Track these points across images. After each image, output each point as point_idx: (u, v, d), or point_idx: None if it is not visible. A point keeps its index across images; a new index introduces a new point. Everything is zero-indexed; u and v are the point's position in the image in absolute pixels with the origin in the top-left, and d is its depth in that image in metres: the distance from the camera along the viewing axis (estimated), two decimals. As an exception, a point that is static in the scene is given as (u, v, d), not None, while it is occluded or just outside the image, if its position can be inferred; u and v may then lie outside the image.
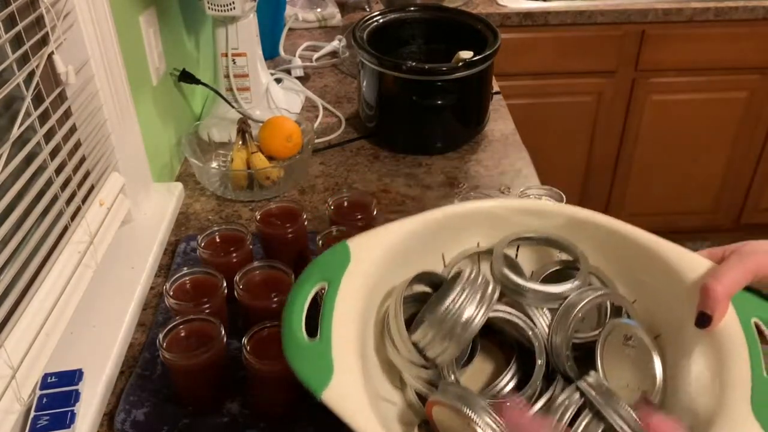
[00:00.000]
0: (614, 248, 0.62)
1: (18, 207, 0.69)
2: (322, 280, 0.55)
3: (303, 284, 0.55)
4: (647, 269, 0.59)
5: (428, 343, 0.56)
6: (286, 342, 0.51)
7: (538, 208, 0.65)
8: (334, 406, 0.47)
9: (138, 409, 0.73)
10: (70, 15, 0.80)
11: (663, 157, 2.18)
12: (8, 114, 0.75)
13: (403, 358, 0.57)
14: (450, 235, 0.65)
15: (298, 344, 0.51)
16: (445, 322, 0.55)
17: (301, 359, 0.50)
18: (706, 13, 1.89)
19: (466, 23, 1.28)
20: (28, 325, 0.71)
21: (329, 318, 0.52)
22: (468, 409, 0.50)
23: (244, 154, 1.10)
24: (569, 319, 0.57)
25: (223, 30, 1.16)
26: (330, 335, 0.51)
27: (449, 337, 0.55)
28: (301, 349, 0.51)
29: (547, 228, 0.64)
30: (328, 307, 0.53)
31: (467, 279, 0.57)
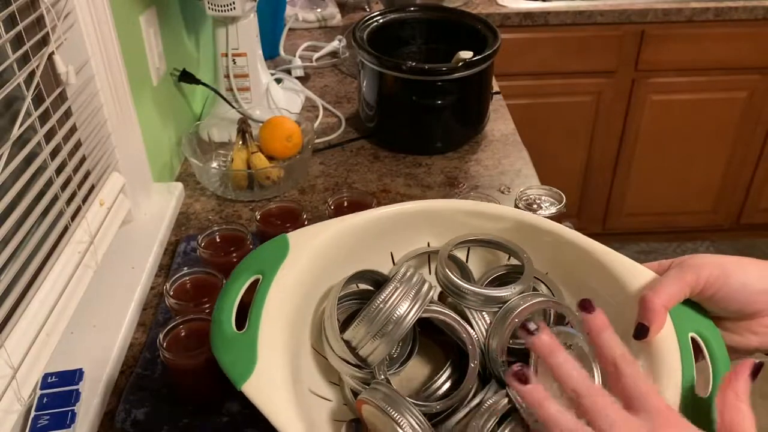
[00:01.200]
0: (563, 255, 0.61)
1: (18, 207, 0.69)
2: (256, 273, 0.55)
3: (237, 276, 0.55)
4: (594, 278, 0.59)
5: (360, 341, 0.55)
6: (214, 333, 0.51)
7: (490, 211, 0.64)
8: (254, 397, 0.47)
9: (138, 408, 0.73)
10: (70, 15, 0.80)
11: (663, 157, 2.18)
12: (9, 114, 0.75)
13: (337, 357, 0.56)
14: (399, 234, 0.64)
15: (224, 335, 0.51)
16: (377, 320, 0.54)
17: (225, 350, 0.50)
18: (705, 13, 1.89)
19: (466, 23, 1.28)
20: (28, 325, 0.71)
21: (259, 310, 0.52)
22: (391, 409, 0.50)
23: (244, 154, 1.10)
24: (506, 323, 0.57)
25: (224, 30, 1.16)
26: (258, 328, 0.51)
27: (380, 335, 0.54)
28: (227, 341, 0.50)
29: (498, 231, 0.63)
30: (259, 300, 0.53)
31: (402, 277, 0.56)
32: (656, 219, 2.34)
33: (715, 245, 2.44)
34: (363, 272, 0.59)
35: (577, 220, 2.27)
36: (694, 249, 2.43)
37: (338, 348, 0.56)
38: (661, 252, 2.41)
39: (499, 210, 0.65)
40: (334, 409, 0.58)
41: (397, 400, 0.51)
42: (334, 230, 0.60)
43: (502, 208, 0.65)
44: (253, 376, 0.48)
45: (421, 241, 0.65)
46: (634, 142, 2.14)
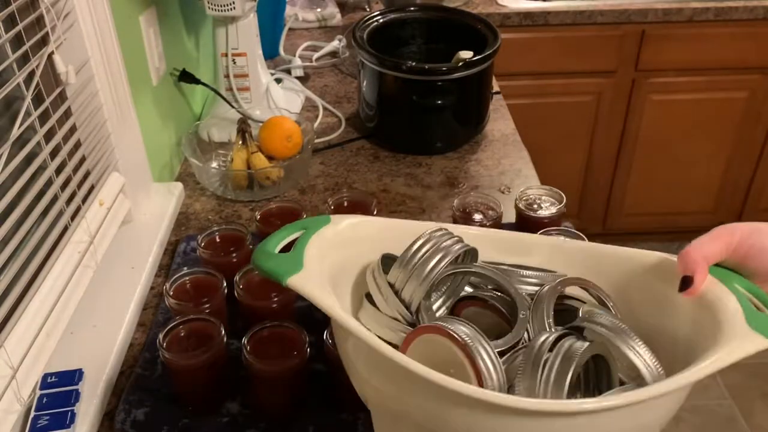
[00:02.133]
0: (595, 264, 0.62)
1: (18, 207, 0.69)
2: (301, 229, 0.58)
3: (281, 230, 0.58)
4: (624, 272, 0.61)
5: (400, 282, 0.56)
6: (257, 253, 0.53)
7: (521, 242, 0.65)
8: (299, 287, 0.49)
9: (138, 408, 0.73)
10: (70, 15, 0.80)
11: (663, 157, 2.18)
12: (8, 114, 0.75)
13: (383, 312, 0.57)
14: None
15: (269, 253, 0.53)
16: (412, 262, 0.56)
17: (269, 260, 0.52)
18: (706, 13, 1.89)
19: (466, 23, 1.28)
20: (28, 325, 0.71)
21: (303, 245, 0.55)
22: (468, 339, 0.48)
23: (244, 154, 1.10)
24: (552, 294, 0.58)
25: (223, 30, 1.16)
26: (303, 253, 0.53)
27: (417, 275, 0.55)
28: (272, 255, 0.53)
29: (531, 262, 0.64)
30: (302, 241, 0.55)
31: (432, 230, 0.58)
32: (656, 219, 2.34)
33: (715, 245, 2.43)
34: (391, 255, 0.60)
35: (577, 220, 2.27)
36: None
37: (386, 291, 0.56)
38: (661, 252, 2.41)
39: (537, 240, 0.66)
40: None
41: (472, 331, 0.50)
42: (372, 225, 0.63)
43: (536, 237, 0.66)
44: (298, 274, 0.50)
45: None
46: (634, 142, 2.14)
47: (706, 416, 1.85)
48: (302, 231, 0.58)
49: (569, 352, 0.48)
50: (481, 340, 0.49)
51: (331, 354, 0.70)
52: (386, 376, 0.49)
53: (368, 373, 0.51)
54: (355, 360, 0.53)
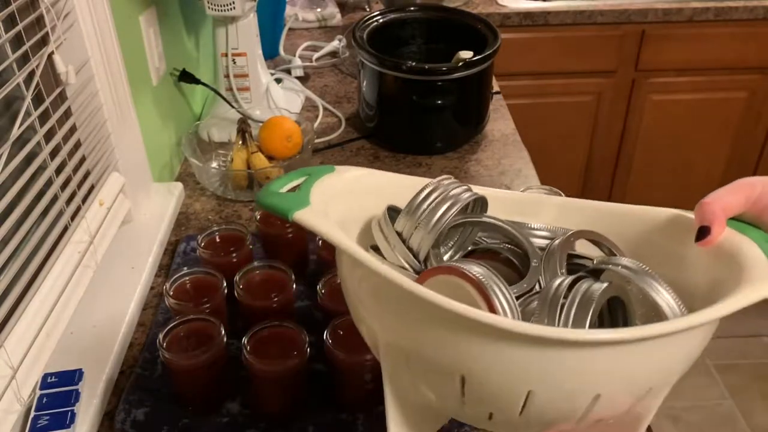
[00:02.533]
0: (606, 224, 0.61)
1: (18, 207, 0.69)
2: (304, 176, 0.56)
3: (284, 175, 0.56)
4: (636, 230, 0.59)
5: (407, 231, 0.54)
6: (261, 192, 0.52)
7: (532, 201, 0.64)
8: (306, 220, 0.48)
9: (138, 408, 0.73)
10: (70, 15, 0.80)
11: (663, 157, 2.18)
12: (8, 114, 0.75)
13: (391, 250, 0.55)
14: None
15: (274, 192, 0.52)
16: (420, 210, 0.54)
17: (274, 197, 0.51)
18: (706, 13, 1.89)
19: (466, 23, 1.28)
20: (28, 325, 0.71)
21: (308, 187, 0.53)
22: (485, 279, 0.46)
23: (244, 154, 1.10)
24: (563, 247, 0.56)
25: (223, 30, 1.16)
26: (309, 193, 0.52)
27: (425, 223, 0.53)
28: (277, 194, 0.52)
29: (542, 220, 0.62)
30: (306, 184, 0.54)
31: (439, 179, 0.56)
32: (656, 219, 2.34)
33: (715, 245, 2.44)
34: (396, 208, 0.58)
35: (577, 220, 2.27)
36: (694, 249, 2.42)
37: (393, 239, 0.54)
38: (661, 252, 2.41)
39: (544, 199, 0.65)
40: None
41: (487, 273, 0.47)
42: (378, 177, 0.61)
43: (545, 197, 0.65)
44: (305, 209, 0.48)
45: None
46: (634, 142, 2.14)
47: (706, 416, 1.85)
48: (305, 177, 0.56)
49: (587, 293, 0.45)
50: (496, 279, 0.47)
51: (331, 354, 0.70)
52: (401, 309, 0.46)
53: (380, 307, 0.48)
54: (365, 297, 0.50)
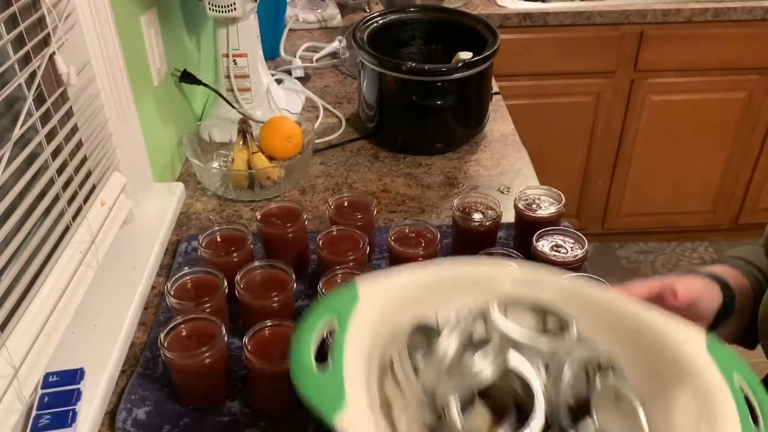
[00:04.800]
0: (604, 317, 0.62)
1: (20, 207, 0.69)
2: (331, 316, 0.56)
3: (312, 320, 0.55)
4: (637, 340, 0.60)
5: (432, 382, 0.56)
6: (297, 372, 0.51)
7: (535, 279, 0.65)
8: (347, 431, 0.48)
9: (139, 408, 0.74)
10: (71, 16, 0.81)
11: (662, 158, 2.18)
12: (10, 114, 0.76)
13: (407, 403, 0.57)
14: (446, 293, 0.64)
15: (310, 374, 0.51)
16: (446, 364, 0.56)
17: (312, 387, 0.50)
18: (704, 13, 1.90)
19: (465, 24, 1.28)
20: (29, 325, 0.71)
21: (340, 352, 0.53)
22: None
23: (244, 154, 1.10)
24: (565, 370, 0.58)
25: (224, 31, 1.16)
26: (342, 368, 0.51)
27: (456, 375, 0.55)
28: (313, 379, 0.51)
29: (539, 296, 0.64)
30: (338, 343, 0.53)
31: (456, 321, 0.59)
32: (655, 219, 2.35)
33: (714, 245, 2.44)
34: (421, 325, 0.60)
35: (577, 220, 2.27)
36: (692, 249, 2.43)
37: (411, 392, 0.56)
38: (659, 252, 2.41)
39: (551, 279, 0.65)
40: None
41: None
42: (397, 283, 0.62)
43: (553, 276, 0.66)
44: (344, 412, 0.48)
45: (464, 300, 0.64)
46: (633, 143, 2.14)
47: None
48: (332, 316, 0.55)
49: None
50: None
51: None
52: None
53: None
54: None
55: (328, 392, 0.50)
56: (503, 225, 0.96)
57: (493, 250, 0.86)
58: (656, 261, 2.38)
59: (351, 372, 0.52)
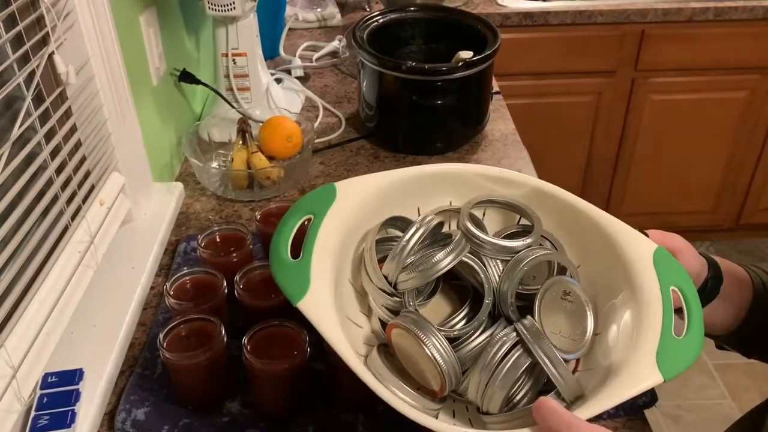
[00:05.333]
0: (569, 219, 0.71)
1: (18, 207, 0.69)
2: (308, 213, 0.64)
3: (292, 214, 0.64)
4: (593, 240, 0.69)
5: (393, 274, 0.65)
6: (273, 260, 0.61)
7: (507, 177, 0.74)
8: (307, 312, 0.57)
9: (138, 408, 0.73)
10: (70, 15, 0.80)
11: (662, 157, 2.18)
12: (9, 114, 0.75)
13: (374, 287, 0.65)
14: (426, 192, 0.74)
15: (282, 262, 0.61)
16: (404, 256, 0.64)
17: (284, 274, 0.60)
18: (705, 13, 1.90)
19: (466, 23, 1.28)
20: (28, 325, 0.71)
21: (311, 244, 0.62)
22: (418, 330, 0.59)
23: (244, 153, 1.10)
24: (516, 270, 0.65)
25: (224, 30, 1.16)
26: (310, 258, 0.61)
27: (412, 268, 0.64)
28: (285, 266, 0.60)
29: (513, 196, 0.73)
30: (311, 235, 0.63)
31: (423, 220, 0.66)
32: (656, 219, 2.34)
33: (715, 245, 2.44)
34: (394, 218, 0.69)
35: (577, 220, 2.27)
36: (693, 249, 2.42)
37: (376, 278, 0.65)
38: (660, 252, 2.41)
39: (516, 176, 0.74)
40: (366, 335, 0.68)
41: (423, 324, 0.60)
42: (375, 183, 0.70)
43: (518, 175, 0.74)
44: (306, 297, 0.58)
45: (444, 199, 0.74)
46: (634, 142, 2.14)
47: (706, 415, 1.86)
48: (311, 216, 0.64)
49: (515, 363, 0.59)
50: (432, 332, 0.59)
51: (331, 354, 0.70)
52: None
53: None
54: None
55: (296, 279, 0.59)
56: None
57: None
58: (657, 261, 2.38)
59: (319, 262, 0.61)
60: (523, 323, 0.61)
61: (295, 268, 0.60)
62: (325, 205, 0.65)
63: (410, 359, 0.62)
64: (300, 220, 0.64)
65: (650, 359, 0.56)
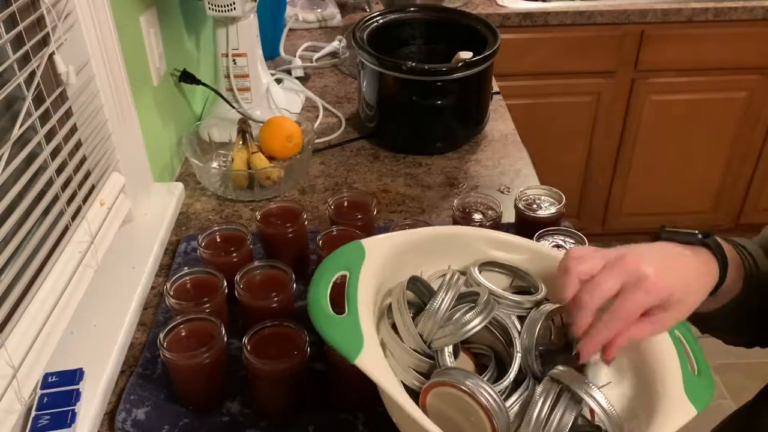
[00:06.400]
0: None
1: (19, 207, 0.69)
2: (343, 269, 0.64)
3: (326, 270, 0.63)
4: None
5: (429, 333, 0.63)
6: (318, 317, 0.59)
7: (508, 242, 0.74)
8: (368, 370, 0.55)
9: (138, 408, 0.73)
10: (70, 15, 0.80)
11: (662, 157, 2.18)
12: (9, 114, 0.75)
13: (404, 348, 0.63)
14: (430, 254, 0.72)
15: (330, 318, 0.59)
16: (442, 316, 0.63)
17: (336, 331, 0.58)
18: (705, 13, 1.90)
19: (465, 24, 1.28)
20: (29, 325, 0.71)
21: (354, 299, 0.60)
22: (469, 382, 0.57)
23: (244, 154, 1.10)
24: (538, 323, 0.64)
25: (224, 30, 1.16)
26: (357, 314, 0.59)
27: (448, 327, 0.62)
28: (335, 323, 0.59)
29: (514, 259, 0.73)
30: (351, 290, 0.62)
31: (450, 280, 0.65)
32: (655, 219, 2.34)
33: (715, 245, 2.44)
34: (414, 278, 0.67)
35: (577, 219, 2.27)
36: (693, 249, 2.42)
37: (409, 338, 0.63)
38: (660, 252, 2.41)
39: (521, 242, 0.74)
40: None
41: (475, 379, 0.58)
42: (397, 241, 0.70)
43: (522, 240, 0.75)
44: (363, 353, 0.56)
45: (443, 263, 0.72)
46: (634, 142, 2.14)
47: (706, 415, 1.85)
48: (346, 271, 0.63)
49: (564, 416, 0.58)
50: (483, 386, 0.57)
51: (331, 354, 0.71)
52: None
53: None
54: None
55: (349, 335, 0.58)
56: (503, 225, 0.96)
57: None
58: (656, 261, 2.38)
59: (364, 316, 0.59)
60: (560, 370, 0.60)
61: (346, 324, 0.58)
62: (358, 261, 0.64)
63: (451, 421, 0.59)
64: (335, 275, 0.63)
65: (681, 396, 0.59)
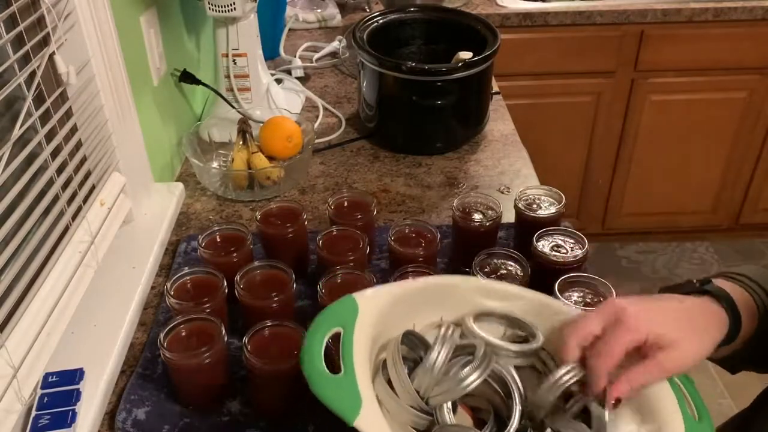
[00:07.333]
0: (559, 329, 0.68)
1: (19, 207, 0.69)
2: (336, 326, 0.61)
3: (319, 329, 0.61)
4: None
5: (426, 389, 0.61)
6: (312, 376, 0.57)
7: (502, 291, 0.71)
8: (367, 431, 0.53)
9: (139, 408, 0.73)
10: (71, 15, 0.80)
11: (662, 157, 2.18)
12: (9, 114, 0.75)
13: (400, 404, 0.61)
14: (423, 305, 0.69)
15: (326, 378, 0.56)
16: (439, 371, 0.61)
17: (332, 391, 0.56)
18: (705, 13, 1.90)
19: (465, 24, 1.28)
20: (29, 325, 0.71)
21: (350, 357, 0.58)
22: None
23: (244, 154, 1.10)
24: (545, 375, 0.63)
25: (224, 30, 1.16)
26: (353, 371, 0.57)
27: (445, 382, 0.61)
28: (331, 382, 0.56)
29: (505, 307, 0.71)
30: (347, 348, 0.59)
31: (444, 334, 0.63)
32: (655, 219, 2.35)
33: (714, 245, 2.44)
34: (408, 332, 0.65)
35: (577, 220, 2.27)
36: (693, 249, 2.43)
37: (405, 395, 0.61)
38: (660, 252, 2.41)
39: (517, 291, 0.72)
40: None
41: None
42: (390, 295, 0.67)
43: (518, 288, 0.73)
44: (362, 414, 0.54)
45: (435, 314, 0.70)
46: (634, 143, 2.14)
47: (706, 416, 1.85)
48: (339, 328, 0.61)
49: None
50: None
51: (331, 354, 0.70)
52: None
53: None
54: None
55: (346, 395, 0.55)
56: (503, 225, 0.96)
57: (493, 250, 0.86)
58: (656, 261, 2.38)
59: (360, 375, 0.57)
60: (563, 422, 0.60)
61: (343, 384, 0.56)
62: (352, 317, 0.62)
63: None
64: (328, 333, 0.61)
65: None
